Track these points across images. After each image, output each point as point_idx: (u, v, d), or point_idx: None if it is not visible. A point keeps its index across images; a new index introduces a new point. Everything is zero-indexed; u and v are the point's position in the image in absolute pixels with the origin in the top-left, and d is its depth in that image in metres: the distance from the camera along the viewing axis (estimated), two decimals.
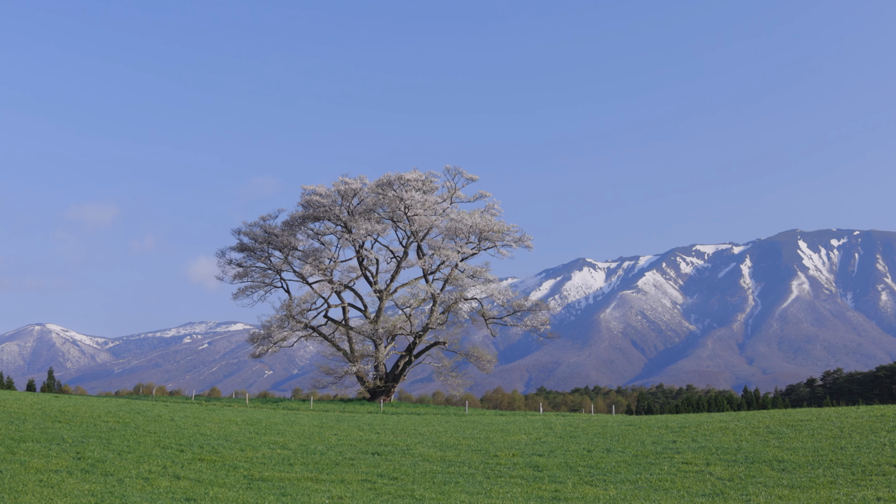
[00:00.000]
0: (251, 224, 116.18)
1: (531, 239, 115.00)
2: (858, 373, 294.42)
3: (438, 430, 57.34)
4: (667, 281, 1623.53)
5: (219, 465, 36.40)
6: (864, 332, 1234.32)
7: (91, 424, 49.73)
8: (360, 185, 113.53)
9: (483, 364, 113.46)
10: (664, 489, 31.53)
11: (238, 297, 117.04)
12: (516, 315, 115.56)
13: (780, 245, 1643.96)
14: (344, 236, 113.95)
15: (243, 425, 55.50)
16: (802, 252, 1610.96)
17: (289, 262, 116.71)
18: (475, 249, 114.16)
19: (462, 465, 38.55)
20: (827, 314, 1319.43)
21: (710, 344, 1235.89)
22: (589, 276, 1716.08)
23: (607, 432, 53.27)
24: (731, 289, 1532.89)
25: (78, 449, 38.58)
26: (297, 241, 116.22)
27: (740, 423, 53.71)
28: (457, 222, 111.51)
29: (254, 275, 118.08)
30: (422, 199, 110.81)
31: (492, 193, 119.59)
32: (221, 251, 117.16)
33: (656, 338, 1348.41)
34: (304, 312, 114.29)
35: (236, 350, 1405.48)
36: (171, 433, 47.66)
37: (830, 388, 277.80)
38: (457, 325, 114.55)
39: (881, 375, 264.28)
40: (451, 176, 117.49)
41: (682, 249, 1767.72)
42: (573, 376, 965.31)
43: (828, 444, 40.12)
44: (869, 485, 30.37)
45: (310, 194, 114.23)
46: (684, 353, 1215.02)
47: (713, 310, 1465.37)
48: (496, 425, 64.67)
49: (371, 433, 53.40)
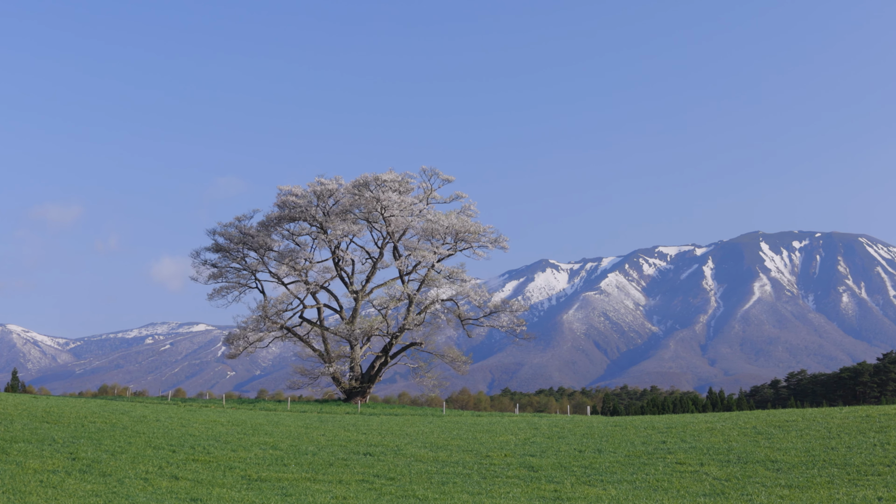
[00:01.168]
0: (226, 224, 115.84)
1: (507, 240, 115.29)
2: (822, 374, 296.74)
3: (424, 431, 57.44)
4: (629, 282, 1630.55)
5: (214, 466, 36.44)
6: (825, 334, 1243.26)
7: (79, 425, 49.57)
8: (336, 186, 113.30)
9: (458, 365, 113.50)
10: (663, 489, 31.73)
11: (213, 297, 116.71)
12: (492, 316, 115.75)
13: (742, 247, 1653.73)
14: (319, 237, 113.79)
15: (229, 426, 55.45)
16: (764, 254, 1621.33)
17: (264, 263, 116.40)
18: (451, 250, 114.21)
19: (456, 466, 38.69)
20: (788, 316, 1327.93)
21: (673, 345, 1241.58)
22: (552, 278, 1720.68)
23: (595, 433, 53.52)
24: (694, 290, 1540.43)
25: (71, 449, 38.52)
26: (272, 241, 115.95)
27: (726, 423, 54.07)
28: (433, 223, 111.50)
29: (228, 275, 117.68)
30: (399, 200, 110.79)
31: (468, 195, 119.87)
32: (196, 252, 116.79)
33: (619, 339, 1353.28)
34: (280, 313, 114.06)
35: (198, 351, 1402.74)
36: (159, 434, 47.59)
37: (794, 390, 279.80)
38: (433, 325, 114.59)
39: (844, 377, 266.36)
40: (428, 177, 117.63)
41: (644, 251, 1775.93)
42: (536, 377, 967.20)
43: (818, 445, 40.46)
44: (866, 484, 30.63)
45: (286, 195, 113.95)
46: (647, 355, 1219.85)
47: (675, 311, 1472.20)
48: (480, 426, 64.84)
49: (358, 434, 53.47)
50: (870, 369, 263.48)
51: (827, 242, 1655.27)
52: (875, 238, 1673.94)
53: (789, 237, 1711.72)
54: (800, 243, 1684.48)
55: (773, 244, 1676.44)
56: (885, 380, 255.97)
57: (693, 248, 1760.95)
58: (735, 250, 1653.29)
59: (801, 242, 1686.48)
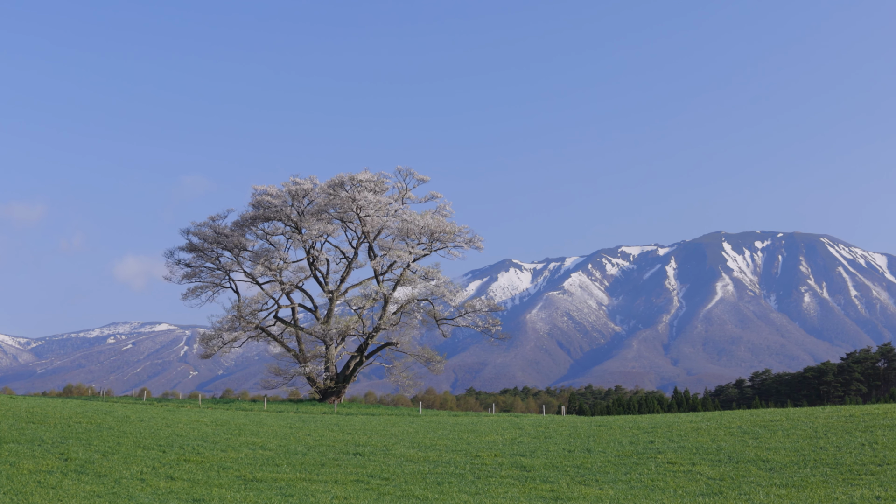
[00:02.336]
0: (200, 224, 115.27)
1: (482, 240, 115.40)
2: (786, 374, 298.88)
3: (409, 431, 57.48)
4: (592, 282, 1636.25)
5: (207, 466, 36.35)
6: (787, 334, 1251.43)
7: (65, 425, 49.34)
8: (311, 186, 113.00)
9: (433, 365, 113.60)
10: (660, 489, 31.87)
11: (187, 297, 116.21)
12: (468, 316, 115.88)
13: (704, 247, 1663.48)
14: (294, 237, 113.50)
15: (214, 426, 55.31)
16: (727, 254, 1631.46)
17: (239, 263, 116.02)
18: (426, 250, 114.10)
19: (448, 466, 38.73)
20: (751, 315, 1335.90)
21: (636, 345, 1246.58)
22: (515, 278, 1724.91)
23: (580, 433, 53.70)
24: (656, 290, 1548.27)
25: (61, 450, 38.38)
26: (246, 241, 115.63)
27: (711, 423, 54.36)
28: (409, 223, 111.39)
29: (202, 275, 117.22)
30: (374, 200, 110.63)
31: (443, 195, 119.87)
32: (170, 251, 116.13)
33: (582, 339, 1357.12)
34: (255, 313, 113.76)
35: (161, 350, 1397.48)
36: (147, 434, 47.44)
37: (759, 389, 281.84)
38: (409, 325, 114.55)
39: (808, 376, 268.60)
40: (403, 177, 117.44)
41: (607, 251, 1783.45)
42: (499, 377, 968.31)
43: (807, 445, 40.75)
44: (861, 484, 30.84)
45: (261, 194, 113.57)
46: (610, 354, 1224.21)
47: (638, 311, 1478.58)
48: (462, 426, 64.88)
49: (343, 434, 53.46)
50: (833, 369, 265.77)
51: (789, 243, 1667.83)
52: (836, 238, 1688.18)
53: (751, 237, 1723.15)
54: (762, 243, 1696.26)
55: (736, 244, 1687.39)
56: (848, 379, 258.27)
57: (656, 248, 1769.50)
58: (698, 250, 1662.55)
59: (764, 243, 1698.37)
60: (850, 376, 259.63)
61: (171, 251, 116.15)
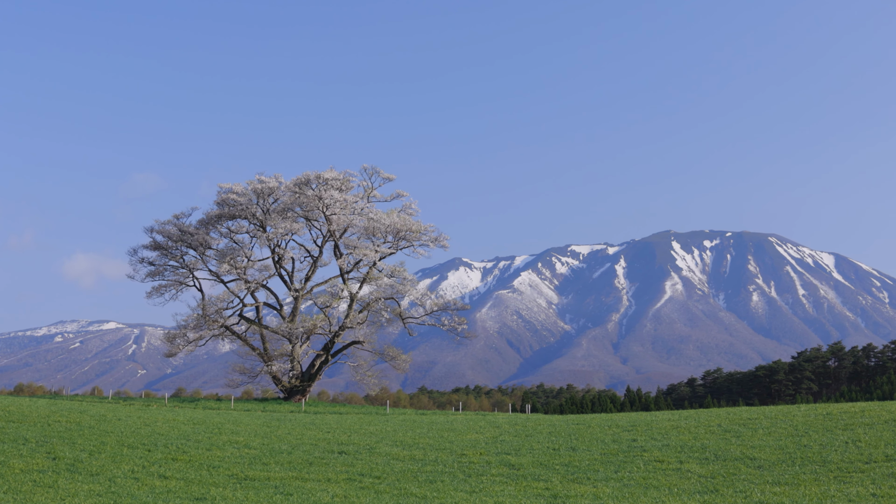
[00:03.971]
0: (164, 222, 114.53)
1: (447, 239, 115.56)
2: (738, 372, 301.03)
3: (386, 430, 57.50)
4: (542, 281, 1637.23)
5: (196, 465, 36.24)
6: (735, 333, 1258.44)
7: (45, 424, 48.99)
8: (277, 184, 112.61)
9: (398, 363, 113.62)
10: (654, 487, 32.03)
11: (151, 295, 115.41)
12: (434, 315, 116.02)
13: (653, 246, 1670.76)
14: (259, 235, 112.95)
15: (192, 425, 55.05)
16: (676, 253, 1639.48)
17: (203, 261, 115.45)
18: (392, 249, 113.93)
19: (436, 464, 38.79)
20: (699, 314, 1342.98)
21: (585, 343, 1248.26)
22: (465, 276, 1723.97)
23: (560, 431, 53.84)
24: (606, 289, 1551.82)
25: (47, 449, 38.23)
26: (211, 239, 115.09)
27: (690, 421, 54.60)
28: (375, 222, 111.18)
29: (166, 274, 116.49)
30: (341, 199, 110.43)
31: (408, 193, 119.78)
32: (133, 249, 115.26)
33: (532, 337, 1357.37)
34: (221, 311, 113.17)
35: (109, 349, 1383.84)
36: (128, 433, 47.20)
37: (711, 388, 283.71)
38: (375, 324, 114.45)
39: (760, 375, 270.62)
40: (369, 175, 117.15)
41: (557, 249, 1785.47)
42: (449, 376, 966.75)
43: (790, 443, 41.08)
44: (852, 482, 31.11)
45: (226, 192, 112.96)
46: (559, 353, 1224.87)
47: (588, 310, 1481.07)
48: (438, 424, 64.95)
49: (322, 433, 53.34)
50: (785, 368, 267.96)
51: (737, 242, 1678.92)
52: (784, 238, 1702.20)
53: (700, 236, 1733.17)
54: (711, 242, 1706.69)
55: (685, 243, 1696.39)
56: (799, 378, 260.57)
57: (605, 246, 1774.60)
58: (647, 249, 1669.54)
59: (712, 242, 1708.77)
60: (801, 375, 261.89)
61: (135, 249, 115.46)
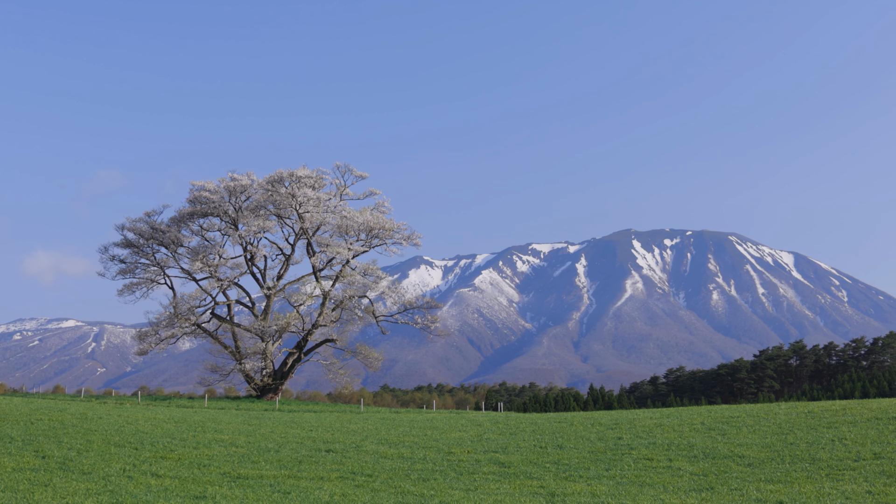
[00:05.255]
0: (135, 220, 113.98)
1: (420, 237, 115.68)
2: (701, 370, 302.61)
3: (369, 428, 57.45)
4: (503, 279, 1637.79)
5: (186, 463, 36.14)
6: (695, 331, 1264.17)
7: (28, 423, 48.61)
8: (249, 182, 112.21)
9: (370, 361, 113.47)
10: (649, 484, 32.26)
11: (123, 293, 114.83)
12: (407, 313, 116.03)
13: (614, 244, 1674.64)
14: (232, 233, 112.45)
15: (174, 424, 54.71)
16: (636, 251, 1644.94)
17: (175, 259, 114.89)
18: (365, 247, 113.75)
19: (425, 462, 38.86)
20: (660, 313, 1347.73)
21: (546, 342, 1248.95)
22: (426, 275, 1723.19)
23: (543, 429, 54.01)
24: (567, 287, 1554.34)
25: (34, 448, 38.03)
26: (183, 237, 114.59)
27: (672, 419, 54.88)
28: (348, 220, 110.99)
29: (137, 272, 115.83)
30: (314, 196, 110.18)
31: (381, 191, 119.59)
32: (104, 247, 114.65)
33: (493, 336, 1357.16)
34: (193, 310, 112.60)
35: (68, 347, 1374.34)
36: (111, 431, 46.91)
37: (673, 386, 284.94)
38: (348, 322, 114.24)
39: (722, 373, 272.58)
40: (341, 173, 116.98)
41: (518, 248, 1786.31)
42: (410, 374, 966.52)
43: (776, 441, 41.45)
44: (846, 479, 31.49)
45: (198, 190, 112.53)
46: (520, 351, 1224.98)
47: (549, 308, 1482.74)
48: (419, 423, 65.03)
49: (304, 431, 53.21)
50: (747, 366, 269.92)
51: (698, 241, 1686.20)
52: (744, 237, 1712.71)
53: (661, 235, 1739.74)
54: (671, 241, 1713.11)
55: (646, 242, 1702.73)
56: (761, 376, 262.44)
57: (566, 245, 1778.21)
58: (608, 248, 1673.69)
59: (673, 241, 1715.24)
60: (763, 373, 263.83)
61: (106, 247, 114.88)
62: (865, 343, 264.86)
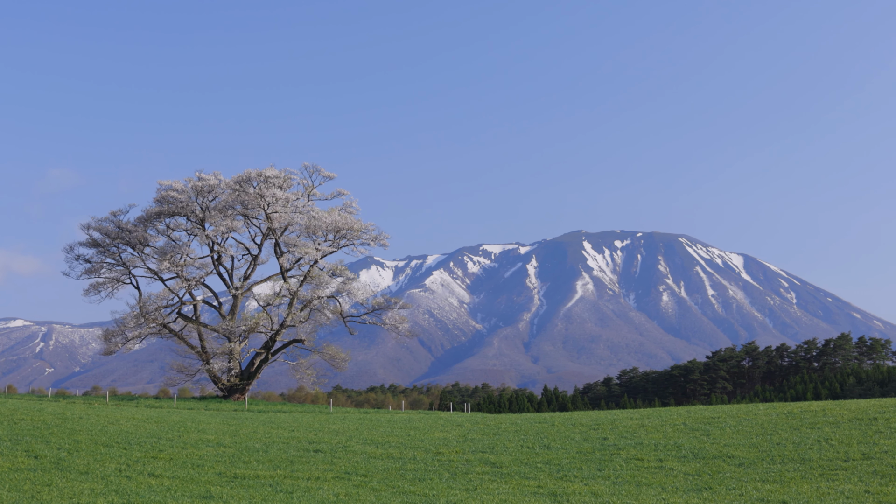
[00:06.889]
0: (101, 219, 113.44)
1: (388, 237, 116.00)
2: (654, 371, 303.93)
3: (349, 428, 57.56)
4: (454, 280, 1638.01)
5: (179, 463, 36.07)
6: (645, 332, 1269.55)
7: (10, 423, 48.30)
8: (217, 182, 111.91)
9: (337, 362, 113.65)
10: (646, 484, 32.41)
11: (88, 293, 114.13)
12: (375, 313, 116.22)
13: (565, 245, 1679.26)
14: (199, 233, 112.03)
15: (155, 424, 54.57)
16: (587, 253, 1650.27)
17: (142, 259, 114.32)
18: (333, 247, 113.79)
19: (416, 462, 38.98)
20: (610, 314, 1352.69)
21: (497, 343, 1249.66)
22: (377, 275, 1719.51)
23: (526, 430, 54.15)
24: (518, 288, 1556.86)
25: (24, 448, 37.86)
26: (150, 236, 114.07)
27: (653, 420, 55.24)
28: (316, 220, 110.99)
29: (102, 271, 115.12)
30: (282, 197, 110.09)
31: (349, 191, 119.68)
32: (70, 246, 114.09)
33: (443, 336, 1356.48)
34: (160, 309, 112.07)
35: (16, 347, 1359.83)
36: (97, 431, 46.78)
37: (627, 387, 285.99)
38: (316, 322, 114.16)
39: (676, 374, 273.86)
40: (309, 174, 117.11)
41: (469, 249, 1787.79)
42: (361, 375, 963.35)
43: (763, 441, 41.77)
44: (838, 479, 31.72)
45: (166, 190, 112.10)
46: (471, 352, 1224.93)
47: (499, 309, 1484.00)
48: (396, 423, 65.27)
49: (286, 431, 53.20)
50: (700, 367, 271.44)
51: (648, 242, 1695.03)
52: (694, 238, 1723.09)
53: (611, 237, 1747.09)
54: (621, 242, 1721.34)
55: (596, 243, 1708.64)
56: (714, 377, 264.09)
57: (517, 246, 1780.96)
58: (558, 249, 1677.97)
59: (623, 242, 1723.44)
60: (715, 374, 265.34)
61: (72, 246, 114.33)
62: (817, 345, 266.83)
